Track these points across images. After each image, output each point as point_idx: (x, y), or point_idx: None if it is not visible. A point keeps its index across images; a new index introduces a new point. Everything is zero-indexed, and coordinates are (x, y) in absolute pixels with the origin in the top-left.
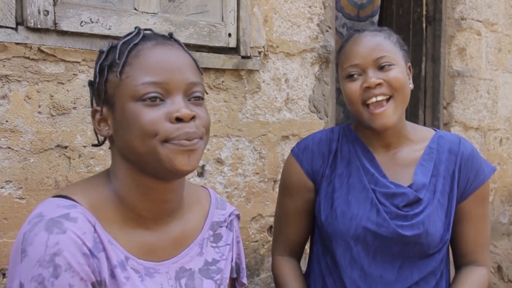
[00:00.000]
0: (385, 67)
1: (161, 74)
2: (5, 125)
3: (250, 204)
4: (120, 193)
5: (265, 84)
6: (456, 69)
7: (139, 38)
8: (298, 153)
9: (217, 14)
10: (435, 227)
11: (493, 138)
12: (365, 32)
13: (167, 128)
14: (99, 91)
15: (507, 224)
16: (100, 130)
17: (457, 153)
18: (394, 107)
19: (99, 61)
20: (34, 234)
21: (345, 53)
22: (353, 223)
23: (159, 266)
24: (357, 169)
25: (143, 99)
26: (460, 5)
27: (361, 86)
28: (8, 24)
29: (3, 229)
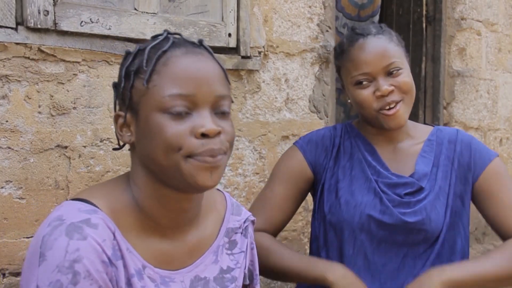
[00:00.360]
0: (394, 72)
1: (189, 86)
2: (5, 125)
3: (250, 204)
4: (138, 200)
5: (265, 84)
6: (456, 69)
7: (169, 44)
8: (303, 144)
9: (217, 14)
10: (437, 213)
11: (493, 138)
12: (369, 38)
13: (191, 143)
14: (124, 96)
15: None
16: (122, 136)
17: (456, 141)
18: (405, 108)
19: (125, 64)
20: (54, 238)
21: (352, 60)
22: (357, 211)
23: (175, 275)
24: (359, 162)
25: (169, 111)
26: (460, 5)
27: (373, 93)
28: (8, 24)
29: (3, 229)
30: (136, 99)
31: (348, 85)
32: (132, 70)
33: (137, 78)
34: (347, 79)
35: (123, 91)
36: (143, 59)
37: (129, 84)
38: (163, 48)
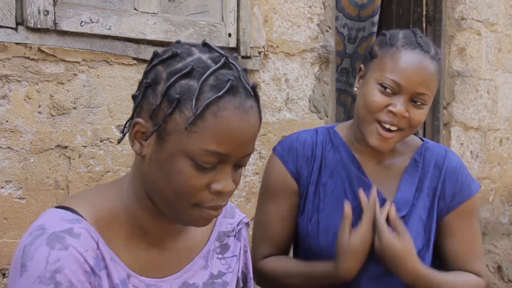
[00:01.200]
0: (418, 104)
1: (228, 147)
2: (5, 125)
3: (250, 204)
4: (131, 207)
5: (265, 84)
6: (456, 69)
7: (225, 89)
8: (283, 154)
9: (217, 14)
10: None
11: (493, 138)
12: (426, 56)
13: (203, 197)
14: (156, 114)
15: (507, 224)
16: (134, 144)
17: (442, 167)
18: (399, 138)
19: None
20: (34, 248)
21: (396, 61)
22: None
23: (162, 282)
24: (342, 182)
25: (196, 162)
26: (460, 5)
27: (386, 105)
28: (8, 24)
29: (3, 229)
30: (169, 129)
31: (370, 77)
32: (177, 97)
33: (179, 110)
34: (374, 72)
35: (157, 109)
36: (193, 90)
37: (168, 109)
38: (219, 91)
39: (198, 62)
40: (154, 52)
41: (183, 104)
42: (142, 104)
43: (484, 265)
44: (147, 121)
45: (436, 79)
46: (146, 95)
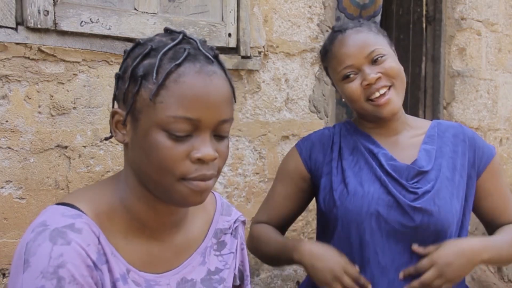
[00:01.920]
0: (378, 59)
1: (196, 110)
2: (5, 125)
3: (250, 204)
4: (127, 201)
5: (265, 84)
6: (456, 69)
7: (183, 57)
8: (300, 143)
9: (217, 14)
10: (446, 202)
11: (493, 138)
12: (347, 32)
13: (185, 167)
14: (126, 97)
15: None
16: (116, 134)
17: (464, 135)
18: (396, 93)
19: (133, 62)
20: (37, 244)
21: (335, 57)
22: (365, 202)
23: (160, 278)
24: (361, 154)
25: (170, 132)
26: (460, 5)
27: (361, 84)
28: (8, 24)
29: (3, 229)
30: (139, 106)
31: (337, 82)
32: (140, 74)
33: (144, 87)
34: (335, 77)
35: (127, 92)
36: (153, 65)
37: (134, 88)
38: (177, 61)
39: (158, 42)
40: (124, 50)
41: (146, 80)
42: (117, 96)
43: None
44: (122, 108)
45: (371, 34)
46: (118, 86)
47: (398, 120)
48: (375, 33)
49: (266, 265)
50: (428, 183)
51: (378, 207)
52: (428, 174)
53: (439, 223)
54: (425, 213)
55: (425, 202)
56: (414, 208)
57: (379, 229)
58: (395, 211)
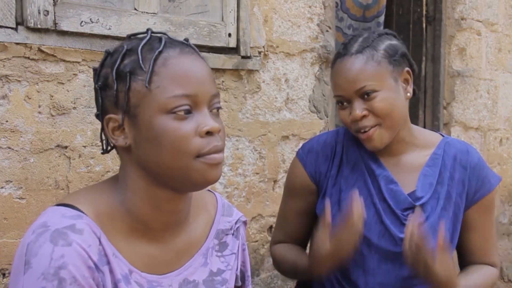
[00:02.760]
0: (370, 95)
1: (191, 86)
2: (5, 125)
3: (250, 204)
4: (129, 203)
5: (265, 84)
6: (456, 69)
7: (162, 44)
8: (303, 156)
9: (217, 14)
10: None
11: (493, 138)
12: (345, 58)
13: (199, 143)
14: (118, 98)
15: (507, 224)
16: (116, 140)
17: (466, 163)
18: (383, 131)
19: (114, 65)
20: (38, 245)
21: (332, 80)
22: None
23: (162, 279)
24: (362, 173)
25: (173, 112)
26: (460, 5)
27: (349, 116)
28: (8, 24)
29: (3, 229)
30: (134, 101)
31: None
32: (127, 71)
33: (134, 80)
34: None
35: (117, 94)
36: (136, 59)
37: (125, 86)
38: (158, 48)
39: (129, 44)
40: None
41: (134, 74)
42: (104, 105)
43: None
44: (115, 112)
45: (368, 66)
46: (103, 95)
47: (401, 142)
48: (376, 62)
49: (266, 265)
50: (423, 215)
51: (370, 235)
52: (424, 206)
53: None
54: None
55: None
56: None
57: (370, 254)
58: (386, 240)
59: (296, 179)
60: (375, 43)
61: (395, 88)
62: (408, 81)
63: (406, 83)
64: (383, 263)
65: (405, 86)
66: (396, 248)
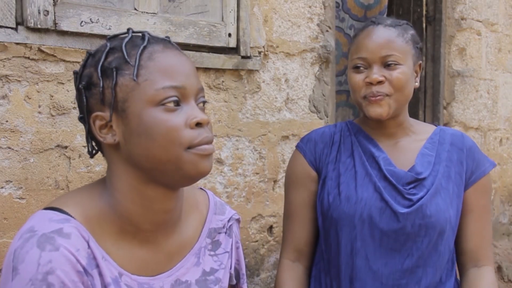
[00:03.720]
0: (391, 65)
1: (179, 79)
2: (5, 125)
3: (250, 204)
4: (118, 205)
5: (265, 84)
6: (456, 69)
7: (146, 40)
8: (302, 146)
9: (217, 14)
10: (438, 209)
11: (493, 138)
12: (379, 26)
13: (190, 134)
14: (104, 95)
15: (507, 224)
16: (104, 138)
17: (462, 146)
18: (392, 103)
19: (98, 63)
20: (25, 251)
21: (356, 43)
22: (358, 207)
23: (154, 280)
24: (359, 157)
25: (163, 104)
26: (460, 5)
27: (364, 79)
28: (8, 24)
29: (3, 229)
30: (121, 96)
31: (348, 69)
32: (112, 67)
33: (120, 75)
34: (349, 63)
35: (103, 91)
36: (121, 56)
37: (111, 82)
38: (143, 44)
39: (112, 43)
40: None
41: (120, 69)
42: (89, 105)
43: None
44: (102, 110)
45: (399, 40)
46: (87, 94)
47: (399, 126)
48: (405, 40)
49: (266, 265)
50: (424, 189)
51: (371, 213)
52: (424, 180)
53: (432, 229)
54: (417, 219)
55: (418, 208)
56: (406, 214)
57: (371, 235)
58: (387, 217)
59: (296, 168)
60: (404, 26)
61: (411, 71)
62: (417, 73)
63: (416, 74)
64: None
65: (415, 75)
66: (398, 224)
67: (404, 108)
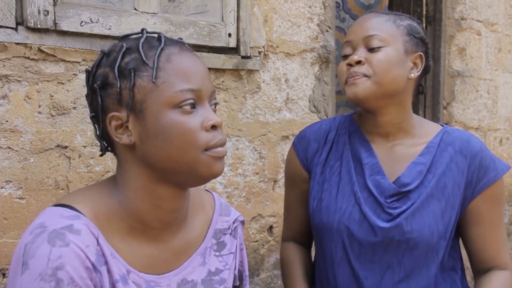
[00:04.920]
0: (374, 48)
1: (196, 81)
2: (5, 125)
3: (250, 204)
4: (128, 203)
5: (265, 84)
6: (456, 69)
7: (163, 42)
8: (296, 143)
9: (217, 14)
10: (422, 224)
11: (493, 138)
12: (370, 13)
13: (206, 137)
14: (122, 96)
15: (507, 224)
16: (120, 138)
17: (467, 151)
18: (366, 84)
19: (116, 64)
20: (36, 246)
21: (348, 30)
22: (336, 217)
23: (161, 279)
24: (347, 162)
25: (180, 106)
26: (460, 5)
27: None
28: (8, 24)
29: (3, 229)
30: (139, 97)
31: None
32: (130, 68)
33: (138, 76)
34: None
35: (120, 92)
36: (138, 57)
37: (128, 83)
38: (158, 45)
39: (126, 42)
40: (85, 69)
41: (138, 71)
42: (104, 105)
43: (508, 252)
44: (118, 110)
45: (387, 23)
46: (103, 94)
47: (395, 126)
48: (396, 25)
49: (266, 265)
50: (409, 202)
51: (349, 224)
52: (411, 193)
53: (414, 245)
54: (396, 236)
55: (398, 224)
56: (384, 229)
57: (350, 246)
58: (365, 229)
59: (290, 167)
60: (403, 17)
61: (401, 57)
62: (417, 65)
63: (415, 66)
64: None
65: (412, 66)
66: (375, 238)
67: (398, 103)
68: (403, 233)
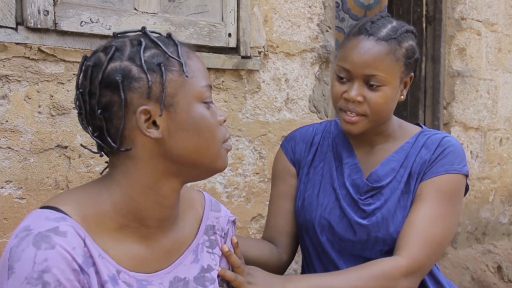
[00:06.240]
0: (374, 86)
1: (207, 78)
2: (5, 125)
3: (250, 204)
4: (127, 202)
5: (265, 84)
6: (456, 69)
7: (178, 40)
8: (285, 143)
9: (217, 14)
10: (396, 219)
11: (493, 138)
12: (371, 38)
13: (222, 131)
14: (152, 90)
15: (507, 224)
16: (150, 132)
17: (433, 145)
18: (363, 123)
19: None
20: (21, 250)
21: (344, 50)
22: (317, 214)
23: (152, 277)
24: (329, 162)
25: (204, 101)
26: (460, 5)
27: (343, 93)
28: (8, 24)
29: (3, 229)
30: (171, 91)
31: (333, 73)
32: (158, 63)
33: (169, 71)
34: (335, 65)
35: (151, 86)
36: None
37: (159, 76)
38: (176, 45)
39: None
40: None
41: (166, 65)
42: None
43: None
44: (146, 104)
45: (388, 58)
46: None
47: (379, 134)
48: (395, 58)
49: None
50: (382, 198)
51: (330, 220)
52: (383, 188)
53: (390, 239)
54: (372, 232)
55: (371, 220)
56: (360, 224)
57: (332, 241)
58: (344, 225)
59: (278, 164)
60: (401, 38)
61: (396, 89)
62: (406, 85)
63: (404, 87)
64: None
65: (402, 88)
66: (353, 234)
67: (384, 121)
68: (379, 229)
